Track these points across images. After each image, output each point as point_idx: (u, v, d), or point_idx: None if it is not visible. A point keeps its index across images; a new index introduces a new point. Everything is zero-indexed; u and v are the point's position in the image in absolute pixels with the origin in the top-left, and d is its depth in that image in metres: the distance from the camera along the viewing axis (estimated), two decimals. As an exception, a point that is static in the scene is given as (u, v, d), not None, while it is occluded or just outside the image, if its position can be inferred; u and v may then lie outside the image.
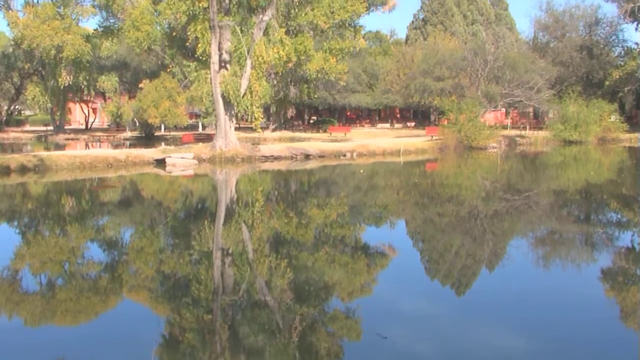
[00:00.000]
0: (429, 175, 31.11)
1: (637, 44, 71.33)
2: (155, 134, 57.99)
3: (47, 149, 43.41)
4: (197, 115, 70.97)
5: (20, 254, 13.32)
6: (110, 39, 62.94)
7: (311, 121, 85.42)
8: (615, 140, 54.12)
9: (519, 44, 75.64)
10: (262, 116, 37.81)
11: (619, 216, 18.66)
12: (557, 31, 72.63)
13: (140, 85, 57.07)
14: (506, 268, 12.01)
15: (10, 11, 60.09)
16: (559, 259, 12.73)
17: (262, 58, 33.23)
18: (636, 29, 70.32)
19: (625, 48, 72.57)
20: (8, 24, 59.36)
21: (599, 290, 10.45)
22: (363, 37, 67.02)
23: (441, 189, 24.69)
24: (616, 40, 73.23)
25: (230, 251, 13.41)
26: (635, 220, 17.60)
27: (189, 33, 36.82)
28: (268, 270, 11.50)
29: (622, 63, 68.87)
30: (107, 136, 62.51)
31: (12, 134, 66.16)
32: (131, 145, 45.90)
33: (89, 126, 75.60)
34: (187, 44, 48.75)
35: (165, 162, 32.09)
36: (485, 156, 41.07)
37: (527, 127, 61.74)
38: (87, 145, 51.72)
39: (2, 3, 61.48)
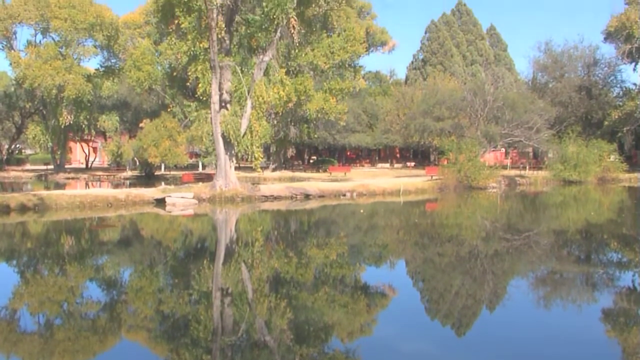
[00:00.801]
0: (429, 215, 31.08)
1: (635, 84, 72.16)
2: (156, 174, 58.19)
3: (47, 188, 43.51)
4: (197, 155, 71.36)
5: (19, 293, 13.26)
6: (111, 78, 63.69)
7: (311, 161, 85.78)
8: (614, 180, 54.25)
9: (518, 84, 76.24)
10: (262, 156, 37.89)
11: (619, 256, 18.60)
12: (555, 72, 73.24)
13: (141, 124, 57.57)
14: (506, 308, 11.95)
15: (12, 51, 60.73)
16: (560, 299, 12.67)
17: (263, 98, 33.40)
18: (634, 70, 71.20)
19: (624, 88, 73.28)
20: (10, 64, 60.10)
21: (599, 330, 10.39)
22: (363, 78, 67.89)
23: (441, 229, 24.64)
24: (615, 81, 74.04)
25: (229, 291, 13.35)
26: (636, 260, 17.54)
27: (189, 73, 37.03)
28: (268, 310, 11.44)
29: (620, 103, 69.42)
30: (107, 175, 62.65)
31: (12, 173, 66.46)
32: (131, 185, 45.97)
33: (89, 165, 75.98)
34: (188, 83, 49.19)
35: (165, 202, 32.04)
36: (485, 196, 41.08)
37: (527, 167, 62.01)
38: (87, 185, 51.75)
39: (5, 43, 62.20)
